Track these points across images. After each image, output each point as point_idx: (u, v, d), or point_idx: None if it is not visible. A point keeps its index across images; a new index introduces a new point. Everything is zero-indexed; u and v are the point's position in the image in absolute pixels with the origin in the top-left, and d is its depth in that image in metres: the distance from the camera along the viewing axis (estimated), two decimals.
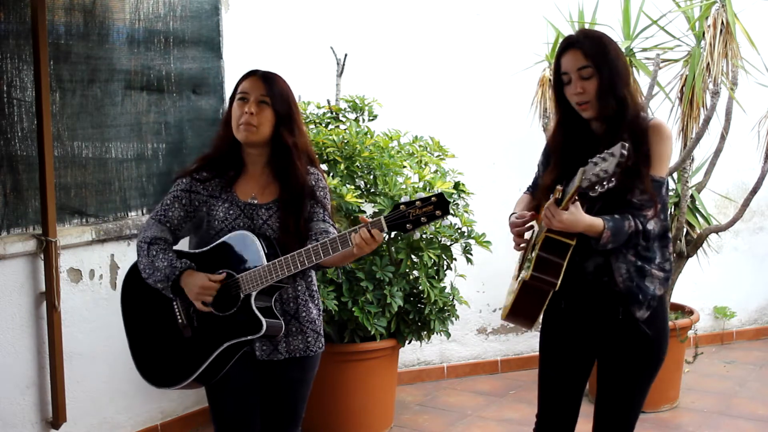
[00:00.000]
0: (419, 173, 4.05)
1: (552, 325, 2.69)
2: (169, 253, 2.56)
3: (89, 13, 3.74)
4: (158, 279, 2.53)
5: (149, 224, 2.62)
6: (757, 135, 4.64)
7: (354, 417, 4.07)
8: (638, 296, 2.48)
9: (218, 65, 4.26)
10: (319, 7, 4.67)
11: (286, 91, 2.59)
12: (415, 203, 2.28)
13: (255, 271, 2.46)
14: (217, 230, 2.58)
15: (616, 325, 2.54)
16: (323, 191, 2.64)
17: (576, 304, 2.59)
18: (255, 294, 2.48)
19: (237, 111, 2.56)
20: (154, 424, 4.05)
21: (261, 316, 2.47)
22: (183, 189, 2.62)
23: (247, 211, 2.58)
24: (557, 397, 2.69)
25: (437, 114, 4.79)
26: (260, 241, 2.49)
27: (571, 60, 2.47)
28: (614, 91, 2.44)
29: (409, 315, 4.04)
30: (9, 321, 3.49)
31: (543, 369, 2.72)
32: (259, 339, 2.53)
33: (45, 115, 3.46)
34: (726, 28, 4.16)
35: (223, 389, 2.62)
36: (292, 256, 2.42)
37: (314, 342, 2.64)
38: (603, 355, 2.63)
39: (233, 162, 2.63)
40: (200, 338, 2.56)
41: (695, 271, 4.95)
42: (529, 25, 4.87)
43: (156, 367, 2.68)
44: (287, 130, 2.56)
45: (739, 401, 4.56)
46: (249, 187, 2.62)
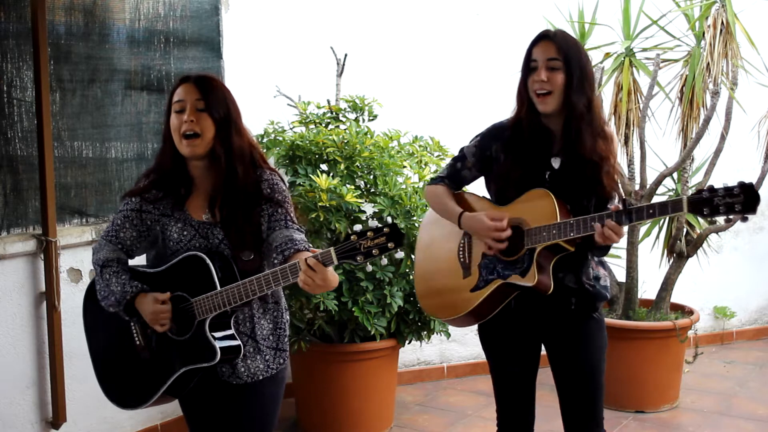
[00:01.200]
0: (419, 173, 4.05)
1: (495, 323, 2.70)
2: (122, 276, 2.46)
3: (89, 13, 3.75)
4: (110, 303, 2.45)
5: (101, 245, 2.52)
6: (757, 135, 4.64)
7: (354, 417, 4.07)
8: (604, 295, 2.63)
9: (218, 65, 4.26)
10: (319, 7, 4.67)
11: (221, 93, 2.44)
12: (366, 234, 2.16)
13: (208, 297, 2.35)
14: (173, 250, 2.47)
15: (567, 315, 2.62)
16: (281, 193, 2.46)
17: (526, 302, 2.63)
18: (210, 319, 2.38)
19: (176, 122, 2.40)
20: (154, 424, 4.05)
21: (215, 343, 2.36)
22: (132, 209, 2.49)
23: (201, 230, 2.45)
24: (513, 391, 2.74)
25: (437, 114, 4.79)
26: (215, 264, 2.36)
27: (543, 50, 2.52)
28: (582, 90, 2.50)
29: (409, 315, 4.04)
30: (9, 321, 3.49)
31: (495, 366, 2.76)
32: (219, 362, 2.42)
33: (45, 115, 3.46)
34: (726, 28, 4.16)
35: (193, 406, 2.59)
36: (245, 284, 2.30)
37: (273, 360, 2.50)
38: (552, 340, 2.69)
39: (182, 178, 2.47)
40: (158, 361, 2.48)
41: (695, 271, 4.95)
42: (529, 25, 4.84)
43: (118, 389, 2.61)
44: (227, 134, 2.40)
45: (739, 401, 4.56)
46: (201, 204, 2.47)
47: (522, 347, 2.71)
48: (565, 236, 2.44)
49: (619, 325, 4.30)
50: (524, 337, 2.70)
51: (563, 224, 2.44)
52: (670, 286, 4.61)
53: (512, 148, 2.60)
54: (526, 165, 2.56)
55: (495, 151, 2.65)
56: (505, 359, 2.73)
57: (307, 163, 3.97)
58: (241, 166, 2.42)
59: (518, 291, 2.58)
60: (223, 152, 2.40)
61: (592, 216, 2.40)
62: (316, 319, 3.93)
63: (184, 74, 2.51)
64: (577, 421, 2.67)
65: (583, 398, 2.66)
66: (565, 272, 2.57)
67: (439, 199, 2.73)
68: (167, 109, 2.46)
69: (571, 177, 2.53)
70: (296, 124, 4.28)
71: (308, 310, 3.90)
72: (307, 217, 3.75)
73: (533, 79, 2.52)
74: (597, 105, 2.57)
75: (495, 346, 2.75)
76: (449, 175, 2.77)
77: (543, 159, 2.57)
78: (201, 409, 2.59)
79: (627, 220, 2.36)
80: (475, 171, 2.72)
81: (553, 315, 2.64)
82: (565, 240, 2.46)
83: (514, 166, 2.57)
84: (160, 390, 2.48)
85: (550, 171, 2.56)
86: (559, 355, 2.69)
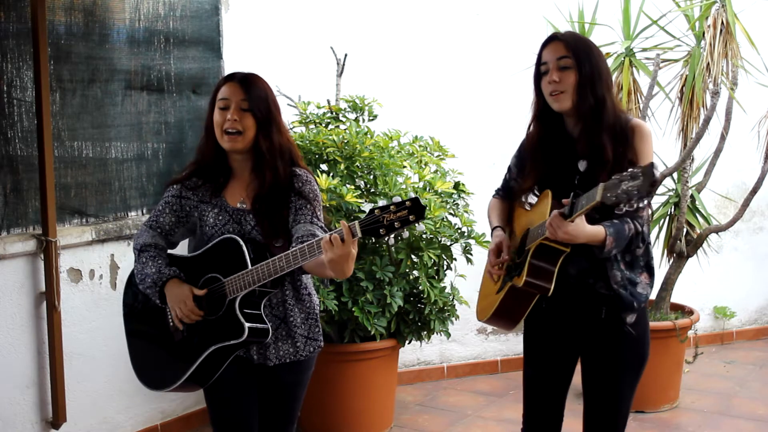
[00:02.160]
0: (419, 173, 4.05)
1: (534, 326, 2.70)
2: (158, 260, 2.59)
3: (89, 13, 3.75)
4: (147, 285, 2.57)
5: (141, 231, 2.66)
6: (757, 135, 4.64)
7: (354, 417, 4.07)
8: (633, 303, 2.51)
9: (218, 65, 4.26)
10: (319, 7, 4.67)
11: (264, 93, 2.57)
12: (389, 207, 2.22)
13: (238, 275, 2.45)
14: (209, 236, 2.58)
15: (598, 325, 2.56)
16: (313, 191, 2.60)
17: (557, 306, 2.60)
18: (240, 298, 2.47)
19: (219, 119, 2.54)
20: (154, 424, 4.05)
21: (244, 320, 2.46)
22: (174, 195, 2.63)
23: (236, 216, 2.57)
24: (542, 397, 2.71)
25: (437, 114, 4.79)
26: (247, 246, 2.47)
27: (552, 50, 2.51)
28: (593, 88, 2.46)
29: (409, 315, 4.04)
30: (9, 321, 3.49)
31: (527, 369, 2.74)
32: (247, 343, 2.52)
33: (45, 115, 3.46)
34: (726, 28, 4.16)
35: (220, 394, 2.62)
36: (273, 261, 2.39)
37: (303, 347, 2.62)
38: (586, 354, 2.65)
39: (221, 168, 2.62)
40: (189, 342, 2.57)
41: (695, 271, 4.95)
42: (529, 25, 4.87)
43: (150, 370, 2.70)
44: (268, 132, 2.54)
45: (739, 401, 4.56)
46: (238, 193, 2.61)
47: (556, 354, 2.66)
48: (541, 236, 2.42)
49: None
50: (561, 345, 2.65)
51: (542, 224, 2.43)
52: (670, 286, 4.62)
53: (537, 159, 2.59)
54: (555, 171, 2.53)
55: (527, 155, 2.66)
56: (537, 363, 2.70)
57: (307, 163, 3.97)
58: (281, 162, 2.55)
59: (536, 294, 2.52)
60: (267, 147, 2.53)
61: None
62: None
63: (230, 72, 2.62)
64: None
65: (602, 419, 2.62)
66: (596, 278, 2.52)
67: (489, 212, 2.83)
68: (211, 103, 2.59)
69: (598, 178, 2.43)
70: (296, 124, 4.28)
71: None
72: None
73: (546, 82, 2.51)
74: (615, 102, 2.51)
75: (530, 349, 2.72)
76: (502, 186, 2.85)
77: (569, 163, 2.53)
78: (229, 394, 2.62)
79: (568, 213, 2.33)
80: (521, 180, 2.72)
81: (586, 324, 2.58)
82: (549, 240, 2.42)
83: (544, 173, 2.56)
84: (190, 369, 2.55)
85: (578, 174, 2.52)
86: (587, 369, 2.64)
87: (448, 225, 4.02)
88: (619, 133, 2.47)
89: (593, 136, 2.46)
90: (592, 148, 2.47)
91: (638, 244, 2.47)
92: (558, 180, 2.53)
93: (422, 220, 2.24)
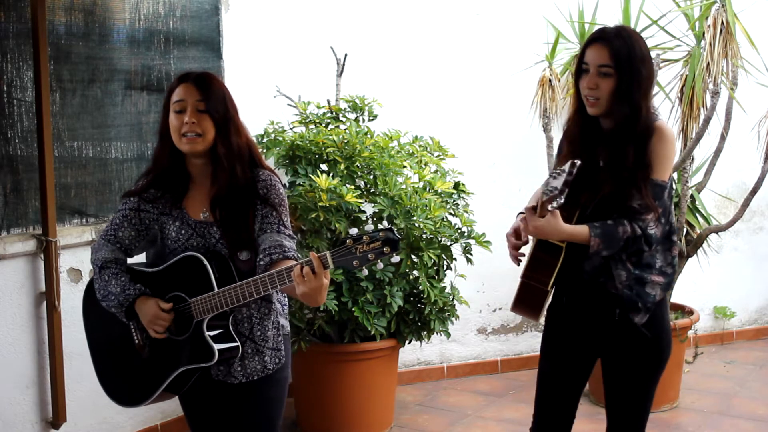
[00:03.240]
0: (419, 173, 4.05)
1: (555, 320, 2.68)
2: (121, 278, 2.46)
3: (89, 13, 3.74)
4: (112, 305, 2.45)
5: (100, 245, 2.52)
6: (757, 135, 4.64)
7: (354, 417, 4.07)
8: (637, 303, 2.49)
9: (218, 65, 4.26)
10: (319, 7, 4.67)
11: (221, 92, 2.44)
12: (362, 238, 2.14)
13: (205, 298, 2.35)
14: (171, 249, 2.48)
15: (613, 326, 2.55)
16: (278, 195, 2.45)
17: (575, 302, 2.59)
18: (207, 320, 2.38)
19: (175, 122, 2.40)
20: (154, 424, 4.05)
21: (213, 344, 2.37)
22: (131, 208, 2.50)
23: (198, 229, 2.45)
24: (555, 394, 2.68)
25: (437, 114, 4.79)
26: (212, 265, 2.36)
27: (596, 54, 2.43)
28: (629, 97, 2.42)
29: (409, 315, 4.04)
30: (9, 321, 3.49)
31: (543, 363, 2.71)
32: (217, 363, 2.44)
33: (45, 115, 3.46)
34: (726, 28, 4.16)
35: (191, 406, 2.60)
36: (242, 286, 2.29)
37: (270, 360, 2.49)
38: (605, 355, 2.64)
39: (180, 176, 2.48)
40: (157, 360, 2.49)
41: (695, 271, 4.95)
42: (529, 25, 4.87)
43: (117, 387, 2.62)
44: (226, 134, 2.41)
45: (739, 401, 4.56)
46: (199, 202, 2.48)
47: (574, 352, 2.64)
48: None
49: None
50: (579, 343, 2.63)
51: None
52: (670, 286, 4.61)
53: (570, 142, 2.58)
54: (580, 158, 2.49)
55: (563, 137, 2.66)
56: (554, 358, 2.67)
57: (307, 163, 3.97)
58: (240, 165, 2.43)
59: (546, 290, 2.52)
60: (223, 153, 2.41)
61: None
62: (316, 319, 3.93)
63: (183, 72, 2.50)
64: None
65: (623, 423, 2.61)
66: (606, 277, 2.51)
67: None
68: (165, 106, 2.46)
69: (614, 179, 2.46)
70: (296, 124, 4.28)
71: (308, 310, 3.90)
72: (307, 217, 3.75)
73: (583, 84, 2.46)
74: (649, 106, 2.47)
75: (549, 343, 2.69)
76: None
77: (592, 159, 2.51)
78: (201, 409, 2.60)
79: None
80: None
81: (602, 326, 2.56)
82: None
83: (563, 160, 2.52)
84: (158, 389, 2.49)
85: (599, 170, 2.50)
86: (608, 374, 2.63)
87: (448, 225, 4.02)
88: (643, 136, 2.44)
89: (620, 139, 2.44)
90: (615, 150, 2.46)
91: (641, 246, 2.44)
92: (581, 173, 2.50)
93: (397, 252, 2.16)
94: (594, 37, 2.47)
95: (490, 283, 4.95)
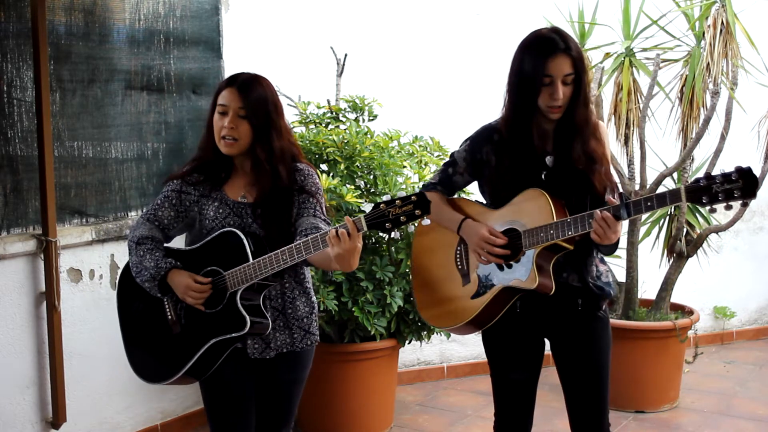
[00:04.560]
0: (419, 173, 4.05)
1: (499, 328, 2.66)
2: (155, 253, 2.57)
3: (89, 13, 3.75)
4: (145, 278, 2.56)
5: (138, 223, 2.65)
6: (757, 135, 4.64)
7: (354, 417, 4.07)
8: (610, 293, 2.61)
9: (218, 65, 4.26)
10: (319, 7, 4.67)
11: (263, 99, 2.54)
12: (395, 202, 2.23)
13: (240, 269, 2.46)
14: (209, 229, 2.58)
15: (574, 316, 2.60)
16: (315, 185, 2.61)
17: (532, 305, 2.60)
18: (241, 291, 2.48)
19: (217, 123, 2.55)
20: (154, 424, 4.05)
21: (245, 313, 2.47)
22: (173, 189, 2.63)
23: (236, 209, 2.58)
24: (516, 398, 2.71)
25: (437, 114, 4.79)
26: (248, 239, 2.48)
27: (560, 65, 2.45)
28: (586, 99, 2.49)
29: (409, 315, 4.04)
30: (9, 321, 3.49)
31: (497, 374, 2.72)
32: (248, 336, 2.54)
33: (45, 115, 3.46)
34: (726, 28, 4.16)
35: (218, 388, 2.63)
36: (276, 255, 2.40)
37: (300, 339, 2.63)
38: (561, 345, 2.67)
39: (223, 165, 2.62)
40: (188, 334, 2.58)
41: (695, 271, 4.95)
42: (529, 25, 4.82)
43: (147, 363, 2.71)
44: (267, 139, 2.53)
45: (739, 401, 4.56)
46: (238, 187, 2.62)
47: (526, 351, 2.68)
48: (563, 236, 2.41)
49: (619, 325, 4.29)
50: (528, 341, 2.67)
51: (560, 223, 2.40)
52: (670, 286, 4.61)
53: (505, 150, 2.57)
54: (521, 165, 2.53)
55: (486, 154, 2.62)
56: (508, 364, 2.69)
57: None
58: (283, 166, 2.55)
59: (520, 294, 2.55)
60: (264, 157, 2.53)
61: (590, 213, 2.36)
62: None
63: (233, 74, 2.60)
64: (584, 419, 2.65)
65: (590, 396, 2.64)
66: (569, 272, 2.55)
67: (439, 208, 2.65)
68: (213, 104, 2.58)
69: (566, 174, 2.51)
70: (296, 124, 4.28)
71: None
72: None
73: (547, 93, 2.45)
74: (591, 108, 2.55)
75: (498, 351, 2.71)
76: (441, 180, 2.73)
77: (537, 158, 2.54)
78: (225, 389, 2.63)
79: (626, 213, 2.31)
80: (467, 176, 2.69)
81: (560, 315, 2.61)
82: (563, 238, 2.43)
83: (508, 167, 2.54)
84: (189, 362, 2.56)
85: (546, 170, 2.54)
86: (566, 355, 2.66)
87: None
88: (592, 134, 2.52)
89: (566, 135, 2.50)
90: (562, 146, 2.51)
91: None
92: (522, 177, 2.53)
93: (428, 215, 2.23)
94: (554, 49, 2.45)
95: None
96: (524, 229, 2.49)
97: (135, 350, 2.74)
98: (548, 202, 2.45)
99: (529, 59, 2.49)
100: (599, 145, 2.52)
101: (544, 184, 2.51)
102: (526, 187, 2.51)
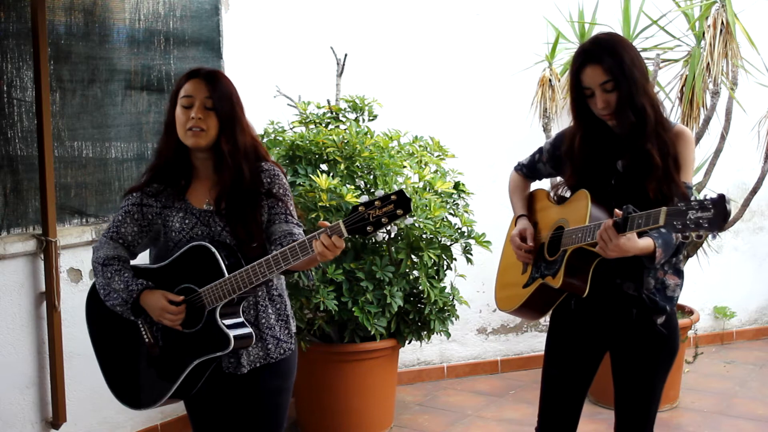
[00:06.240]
0: (419, 173, 4.05)
1: (560, 324, 2.68)
2: (124, 274, 2.44)
3: (89, 13, 3.75)
4: (116, 302, 2.43)
5: (101, 243, 2.51)
6: (757, 135, 4.64)
7: (354, 417, 4.07)
8: (665, 307, 2.54)
9: (218, 65, 4.26)
10: (319, 7, 4.67)
11: (228, 91, 2.46)
12: (373, 203, 2.15)
13: (217, 285, 2.34)
14: (176, 241, 2.47)
15: (629, 325, 2.56)
16: (281, 187, 2.49)
17: (586, 305, 2.58)
18: (220, 308, 2.36)
19: (182, 117, 2.42)
20: (154, 424, 4.05)
21: (227, 331, 2.36)
22: (134, 203, 2.50)
23: (203, 218, 2.46)
24: (563, 398, 2.68)
25: (437, 114, 4.79)
26: (220, 252, 2.36)
27: (592, 75, 2.44)
28: (632, 103, 2.42)
29: (409, 315, 4.04)
30: (9, 321, 3.49)
31: (550, 369, 2.71)
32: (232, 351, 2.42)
33: (45, 115, 3.46)
34: (726, 28, 4.16)
35: (198, 403, 2.57)
36: (253, 268, 2.29)
37: (274, 348, 2.50)
38: (617, 353, 2.64)
39: (183, 169, 2.49)
40: (169, 357, 2.46)
41: (695, 271, 4.95)
42: (529, 25, 4.87)
43: (130, 389, 2.57)
44: (231, 133, 2.43)
45: (739, 401, 4.56)
46: (202, 193, 2.49)
47: (573, 352, 2.65)
48: (583, 241, 2.39)
49: None
50: (581, 343, 2.64)
51: (584, 228, 2.40)
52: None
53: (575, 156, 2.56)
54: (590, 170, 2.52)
55: (564, 153, 2.64)
56: (550, 358, 2.68)
57: (307, 163, 3.97)
58: (246, 163, 2.45)
59: (564, 292, 2.52)
60: (228, 150, 2.42)
61: (597, 224, 2.33)
62: (316, 319, 3.93)
63: (193, 68, 2.52)
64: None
65: (633, 413, 2.61)
66: (623, 278, 2.51)
67: (511, 191, 2.87)
68: (172, 99, 2.47)
69: (637, 180, 2.44)
70: (296, 124, 4.28)
71: (308, 310, 3.90)
72: (307, 217, 3.75)
73: (595, 105, 2.46)
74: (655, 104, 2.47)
75: (549, 344, 2.70)
76: (528, 163, 2.85)
77: (608, 162, 2.51)
78: (206, 406, 2.58)
79: (622, 228, 2.26)
80: (549, 167, 2.76)
81: (615, 323, 2.57)
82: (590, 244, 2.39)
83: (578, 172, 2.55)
84: (174, 386, 2.45)
85: (616, 174, 2.50)
86: (619, 369, 2.63)
87: (448, 225, 4.03)
88: (663, 138, 2.45)
89: (638, 140, 2.44)
90: (636, 152, 2.45)
91: (680, 252, 2.47)
92: (593, 177, 2.51)
93: (410, 214, 2.17)
94: (582, 61, 2.46)
95: (490, 283, 4.87)
96: (567, 228, 2.51)
97: (114, 376, 2.59)
98: (586, 205, 2.44)
99: (570, 76, 2.53)
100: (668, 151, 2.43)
101: (612, 188, 2.48)
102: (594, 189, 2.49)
